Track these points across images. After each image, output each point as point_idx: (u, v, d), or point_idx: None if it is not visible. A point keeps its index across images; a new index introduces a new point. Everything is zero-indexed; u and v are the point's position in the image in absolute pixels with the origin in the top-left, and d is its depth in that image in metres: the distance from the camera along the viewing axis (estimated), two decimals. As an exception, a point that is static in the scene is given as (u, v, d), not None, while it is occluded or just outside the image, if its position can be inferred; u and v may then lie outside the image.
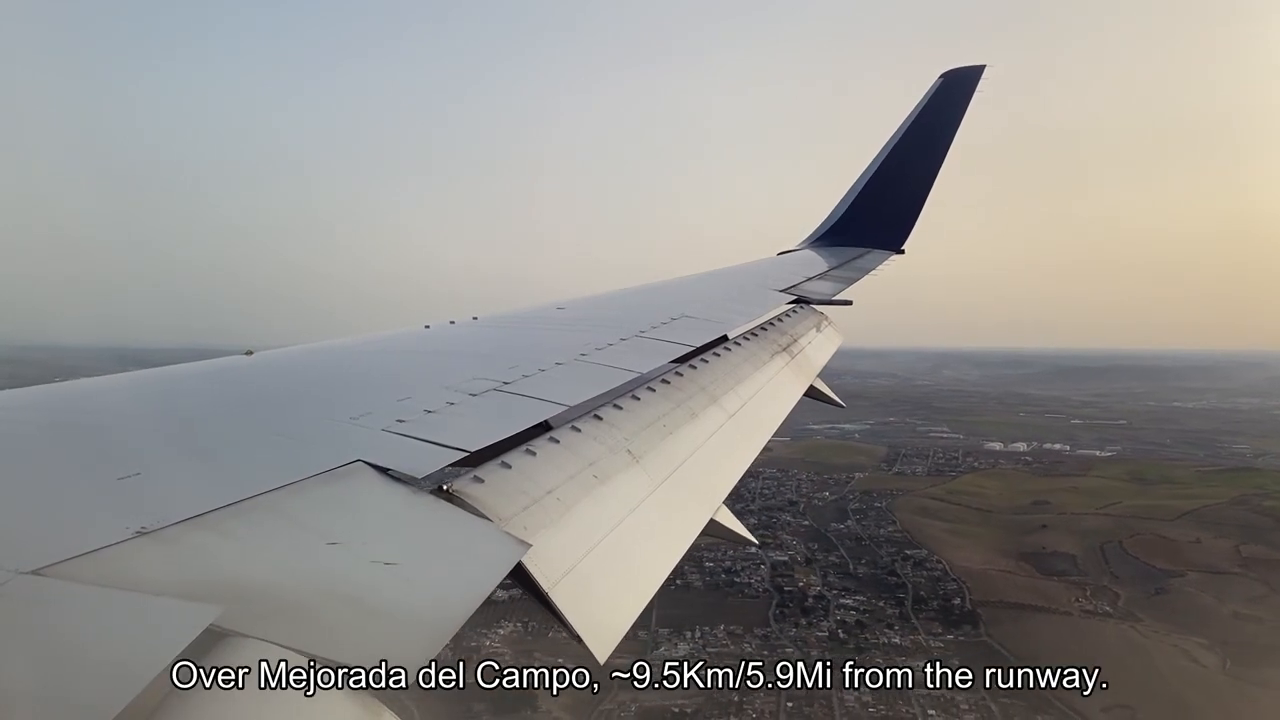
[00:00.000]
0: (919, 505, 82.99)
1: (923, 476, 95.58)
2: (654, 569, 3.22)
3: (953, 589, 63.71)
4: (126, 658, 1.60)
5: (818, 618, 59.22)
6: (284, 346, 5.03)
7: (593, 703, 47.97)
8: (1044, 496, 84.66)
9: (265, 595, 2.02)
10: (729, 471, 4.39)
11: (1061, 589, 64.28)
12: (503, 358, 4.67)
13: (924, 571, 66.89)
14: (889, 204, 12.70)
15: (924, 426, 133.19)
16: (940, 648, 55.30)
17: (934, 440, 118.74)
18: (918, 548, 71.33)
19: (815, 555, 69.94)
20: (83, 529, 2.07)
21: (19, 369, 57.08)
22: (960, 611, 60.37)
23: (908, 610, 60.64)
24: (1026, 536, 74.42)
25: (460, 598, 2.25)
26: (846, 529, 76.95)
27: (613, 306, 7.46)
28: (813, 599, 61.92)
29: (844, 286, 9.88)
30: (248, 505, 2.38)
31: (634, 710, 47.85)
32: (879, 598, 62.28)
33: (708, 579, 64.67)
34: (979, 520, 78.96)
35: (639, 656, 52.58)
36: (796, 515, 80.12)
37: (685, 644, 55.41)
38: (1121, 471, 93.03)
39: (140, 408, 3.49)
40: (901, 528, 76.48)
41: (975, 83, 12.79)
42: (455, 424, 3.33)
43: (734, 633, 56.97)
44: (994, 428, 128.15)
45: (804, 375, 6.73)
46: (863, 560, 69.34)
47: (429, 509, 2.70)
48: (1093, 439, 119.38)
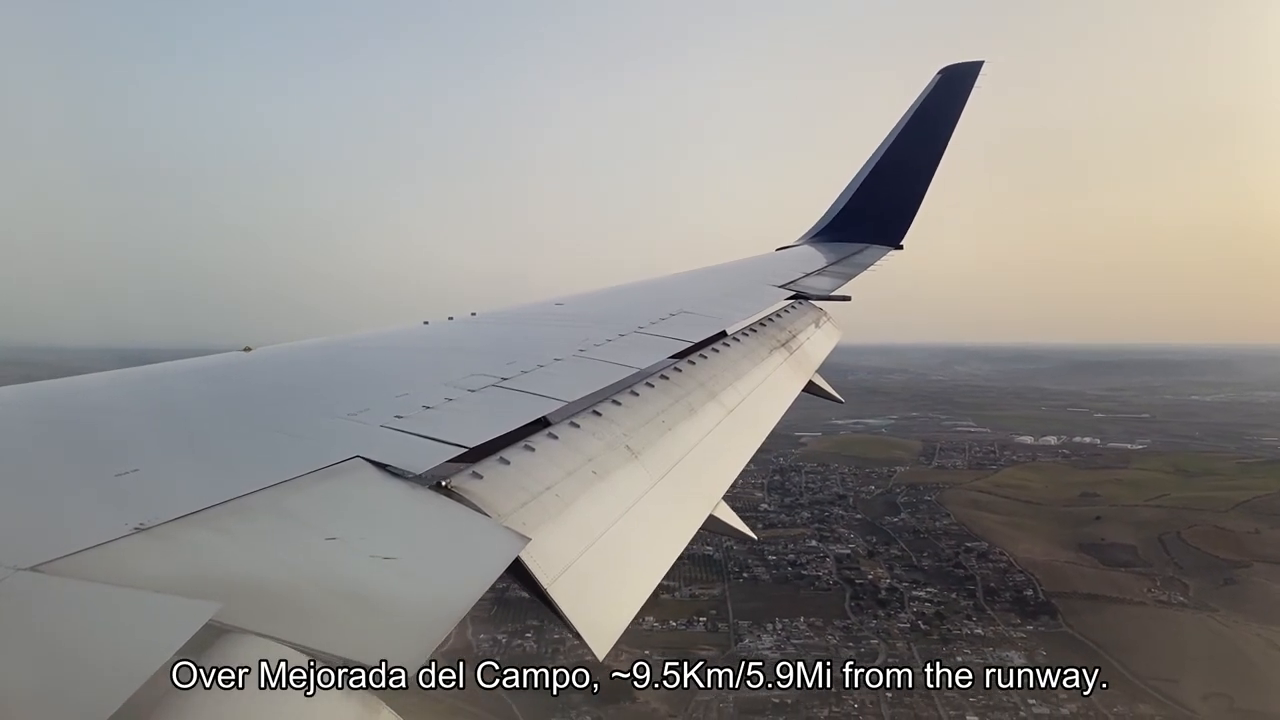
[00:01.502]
0: (968, 499, 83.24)
1: (963, 470, 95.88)
2: (653, 565, 3.22)
3: (1021, 580, 63.87)
4: (125, 654, 1.60)
5: (894, 609, 59.55)
6: (282, 343, 5.03)
7: (687, 696, 48.41)
8: (1090, 489, 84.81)
9: (264, 591, 2.02)
10: (728, 467, 4.40)
11: (1130, 580, 64.46)
12: (501, 354, 4.66)
13: (989, 564, 67.08)
14: (888, 199, 12.69)
15: (949, 421, 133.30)
16: (1023, 638, 55.63)
17: (962, 435, 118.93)
18: (976, 540, 71.42)
19: (876, 549, 70.23)
20: (81, 526, 2.06)
21: (22, 370, 56.96)
22: (1035, 602, 60.58)
23: (981, 601, 60.90)
24: (1082, 528, 74.65)
25: (460, 591, 2.25)
26: (901, 522, 77.16)
27: (611, 302, 7.45)
28: (885, 591, 62.32)
29: (842, 282, 9.87)
30: (246, 502, 2.37)
31: (731, 701, 48.06)
32: (949, 589, 62.64)
33: (774, 572, 65.28)
34: (1030, 513, 79.11)
35: (725, 649, 53.83)
36: (847, 509, 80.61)
37: (768, 636, 55.77)
38: (1162, 464, 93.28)
39: (138, 404, 3.48)
40: (956, 521, 76.61)
41: (974, 78, 12.78)
42: (454, 420, 3.33)
43: (815, 624, 57.28)
44: (1020, 422, 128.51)
45: (803, 371, 6.73)
46: (924, 553, 69.66)
47: (427, 504, 2.70)
48: (1120, 432, 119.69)
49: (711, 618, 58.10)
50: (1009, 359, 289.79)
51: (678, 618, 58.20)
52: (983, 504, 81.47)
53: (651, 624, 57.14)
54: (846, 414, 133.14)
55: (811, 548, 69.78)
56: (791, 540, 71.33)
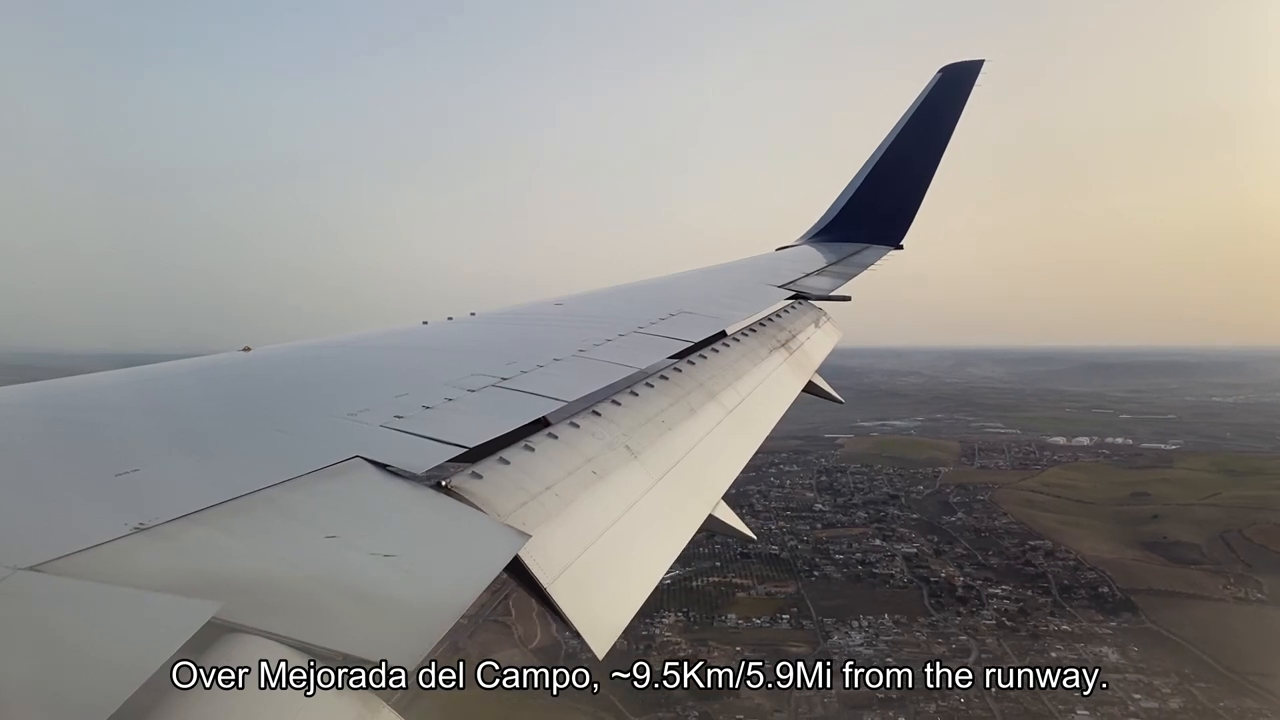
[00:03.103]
0: (1021, 498, 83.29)
1: (1007, 470, 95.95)
2: (652, 565, 3.22)
3: (1094, 578, 63.94)
4: (125, 654, 1.60)
5: (974, 606, 59.90)
6: (281, 343, 5.02)
7: (788, 690, 48.91)
8: (1139, 489, 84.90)
9: (264, 588, 2.02)
10: (727, 467, 4.39)
11: (1202, 577, 64.51)
12: (501, 354, 4.66)
13: (1057, 561, 67.08)
14: (888, 199, 12.69)
15: (976, 422, 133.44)
16: (1109, 634, 55.87)
17: (994, 436, 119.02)
18: (1039, 538, 71.43)
19: (941, 548, 70.56)
20: (81, 525, 2.06)
21: (22, 375, 57.52)
22: (1113, 599, 60.76)
23: (1058, 598, 61.00)
24: (1141, 527, 74.80)
25: (460, 587, 2.25)
26: (959, 521, 77.29)
27: (611, 302, 7.45)
28: (962, 588, 62.68)
29: (843, 282, 9.87)
30: (246, 501, 2.38)
31: (834, 695, 48.42)
32: (1023, 586, 62.79)
33: (845, 571, 65.86)
34: (1085, 512, 79.22)
35: (814, 646, 54.54)
36: (902, 509, 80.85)
37: (856, 633, 56.26)
38: (1206, 464, 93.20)
39: (138, 404, 3.48)
40: (1015, 520, 76.61)
41: (974, 77, 12.78)
42: (453, 420, 3.33)
43: (900, 621, 57.69)
44: (1048, 423, 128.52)
45: (803, 371, 6.73)
46: (990, 551, 69.79)
47: (427, 503, 2.70)
48: (1150, 433, 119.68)
49: (794, 615, 58.92)
50: (1021, 361, 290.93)
51: (758, 615, 59.05)
52: (1037, 503, 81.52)
53: (735, 621, 58.19)
54: (873, 416, 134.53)
55: (877, 547, 70.35)
56: (854, 539, 72.10)
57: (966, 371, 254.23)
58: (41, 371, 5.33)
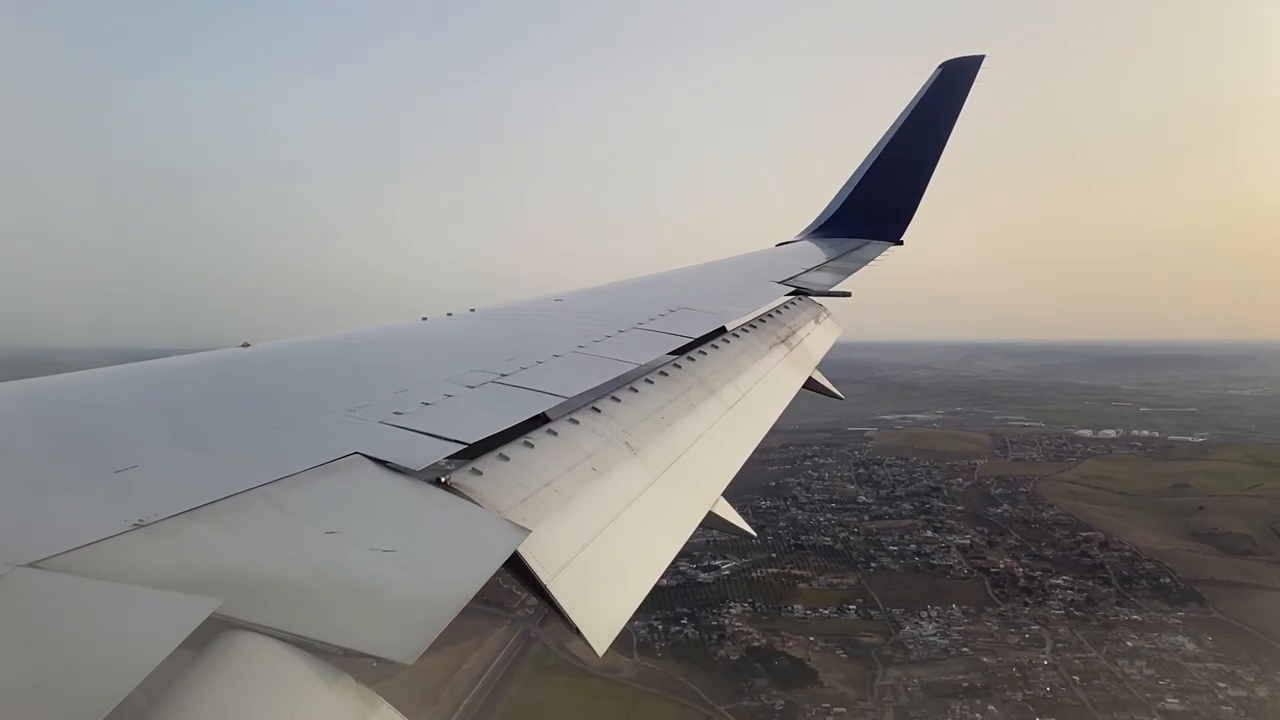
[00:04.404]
0: (1063, 490, 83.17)
1: (1043, 462, 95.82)
2: (652, 562, 3.22)
3: (1152, 568, 64.11)
4: (125, 650, 1.60)
5: (1039, 597, 60.07)
6: (281, 339, 5.02)
7: (870, 679, 49.79)
8: (1179, 481, 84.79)
9: (263, 584, 2.02)
10: (727, 464, 4.39)
11: (1261, 567, 64.47)
12: (500, 350, 4.66)
13: (1112, 553, 67.25)
14: (888, 195, 12.67)
15: (998, 416, 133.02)
16: (1179, 623, 56.01)
17: (1018, 428, 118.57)
18: (1089, 530, 71.54)
19: (993, 539, 70.61)
20: (80, 522, 2.06)
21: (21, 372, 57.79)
22: (1177, 590, 60.83)
23: (1120, 589, 61.12)
24: (1188, 518, 74.70)
25: (460, 582, 2.26)
26: (1005, 513, 77.25)
27: (610, 298, 7.44)
28: (1024, 579, 62.86)
29: (842, 278, 9.86)
30: (245, 498, 2.37)
31: (917, 684, 49.20)
32: (1084, 577, 62.98)
33: (901, 562, 66.26)
34: (1129, 504, 79.16)
35: (888, 636, 55.21)
36: (946, 501, 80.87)
37: (927, 623, 56.68)
38: (1241, 456, 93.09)
39: (136, 400, 3.48)
40: (1062, 511, 76.54)
41: (974, 73, 12.75)
42: (453, 416, 3.33)
43: (968, 612, 58.06)
44: (1069, 416, 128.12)
45: (803, 367, 6.72)
46: (1042, 543, 69.87)
47: (427, 498, 2.70)
48: (1174, 426, 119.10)
49: (860, 605, 59.30)
50: (1030, 355, 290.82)
51: (823, 605, 59.57)
52: (1080, 495, 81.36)
53: (802, 611, 58.67)
54: (892, 409, 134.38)
55: (929, 538, 70.57)
56: (904, 531, 72.33)
57: (976, 365, 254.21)
58: (40, 368, 5.33)
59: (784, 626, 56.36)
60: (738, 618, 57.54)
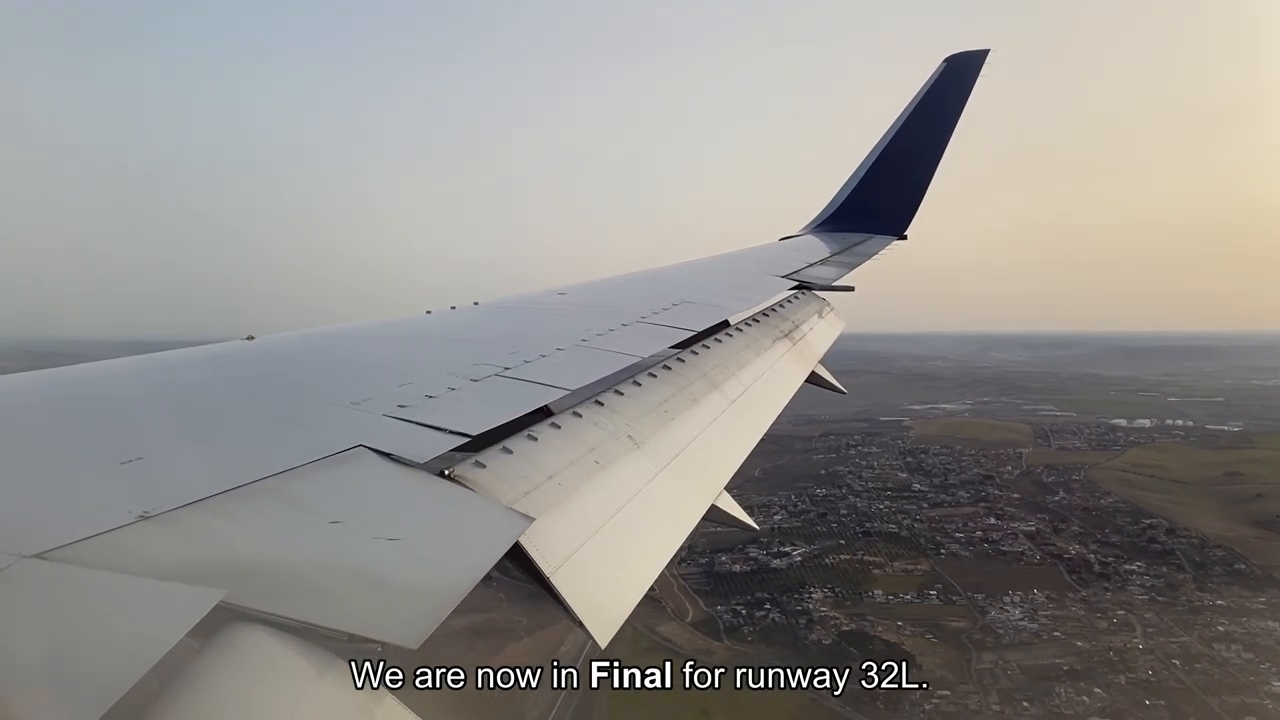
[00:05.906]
0: (1116, 478, 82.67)
1: (1088, 451, 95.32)
2: (655, 555, 3.23)
3: (1224, 555, 63.55)
4: (131, 641, 1.61)
5: (1117, 583, 60.14)
6: (285, 332, 5.02)
7: (967, 662, 49.94)
8: (1230, 469, 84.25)
9: (268, 573, 2.03)
10: (730, 457, 4.39)
11: None
12: (504, 343, 4.66)
13: (1179, 539, 66.74)
14: (892, 189, 12.64)
15: (1028, 406, 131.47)
16: (1262, 609, 55.64)
17: (1052, 417, 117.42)
18: (1151, 517, 71.04)
19: (1057, 525, 70.27)
20: (86, 513, 2.07)
21: (30, 362, 58.36)
22: (1254, 575, 60.45)
23: (1194, 575, 60.86)
24: (1247, 505, 74.15)
25: (464, 570, 2.27)
26: (1063, 501, 76.83)
27: (614, 292, 7.44)
28: (1098, 564, 62.69)
29: (846, 272, 9.85)
30: (250, 489, 2.39)
31: (1015, 667, 49.18)
32: (1156, 563, 62.70)
33: (971, 548, 66.19)
34: (1184, 491, 78.49)
35: (975, 622, 55.19)
36: (1000, 489, 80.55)
37: (1013, 609, 56.83)
38: None
39: (142, 392, 3.49)
40: (1121, 499, 76.24)
41: (979, 67, 12.71)
42: (456, 409, 3.34)
43: (1051, 597, 58.02)
44: (1099, 406, 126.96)
45: (806, 361, 6.71)
46: (1107, 529, 69.55)
47: (431, 490, 2.72)
48: (1205, 415, 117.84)
49: (940, 591, 59.31)
50: (1045, 346, 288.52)
51: (903, 590, 59.54)
52: (1134, 483, 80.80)
53: (884, 597, 58.70)
54: (918, 399, 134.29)
55: (993, 525, 70.41)
56: (966, 519, 72.25)
57: (993, 356, 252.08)
58: (47, 359, 5.34)
59: (868, 611, 56.48)
60: (821, 603, 57.72)
